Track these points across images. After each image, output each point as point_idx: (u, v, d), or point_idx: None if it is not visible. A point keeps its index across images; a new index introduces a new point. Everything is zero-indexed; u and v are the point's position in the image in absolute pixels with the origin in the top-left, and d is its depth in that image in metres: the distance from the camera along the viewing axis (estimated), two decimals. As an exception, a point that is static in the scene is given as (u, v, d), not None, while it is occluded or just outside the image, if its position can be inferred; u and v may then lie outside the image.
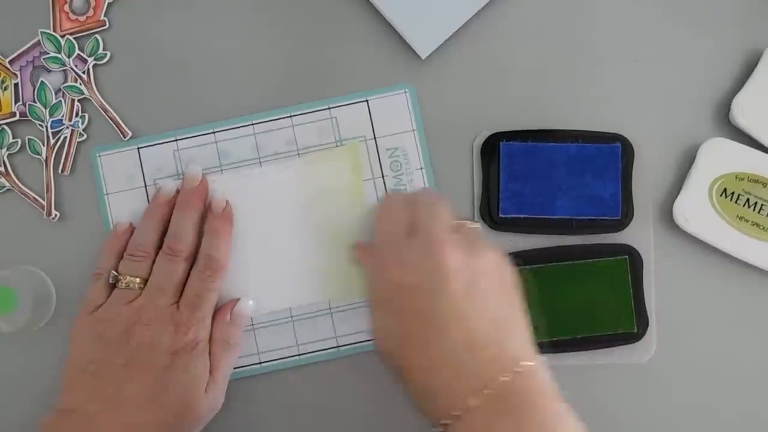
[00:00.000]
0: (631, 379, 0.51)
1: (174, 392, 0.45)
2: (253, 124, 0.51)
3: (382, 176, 0.51)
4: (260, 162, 0.51)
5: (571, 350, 0.50)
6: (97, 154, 0.51)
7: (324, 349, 0.51)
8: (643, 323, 0.50)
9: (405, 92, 0.51)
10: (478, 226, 0.50)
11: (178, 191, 0.50)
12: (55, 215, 0.51)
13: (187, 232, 0.48)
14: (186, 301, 0.47)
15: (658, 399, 0.51)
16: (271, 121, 0.51)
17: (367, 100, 0.51)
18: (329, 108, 0.51)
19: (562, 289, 0.50)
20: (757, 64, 0.51)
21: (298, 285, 0.51)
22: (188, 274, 0.48)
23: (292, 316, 0.51)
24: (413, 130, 0.51)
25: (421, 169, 0.51)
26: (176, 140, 0.51)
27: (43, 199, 0.51)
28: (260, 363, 0.51)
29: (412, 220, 0.45)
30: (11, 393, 0.51)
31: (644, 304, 0.50)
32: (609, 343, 0.50)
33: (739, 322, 0.51)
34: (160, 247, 0.48)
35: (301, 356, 0.51)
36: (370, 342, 0.51)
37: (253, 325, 0.51)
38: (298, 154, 0.51)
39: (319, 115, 0.51)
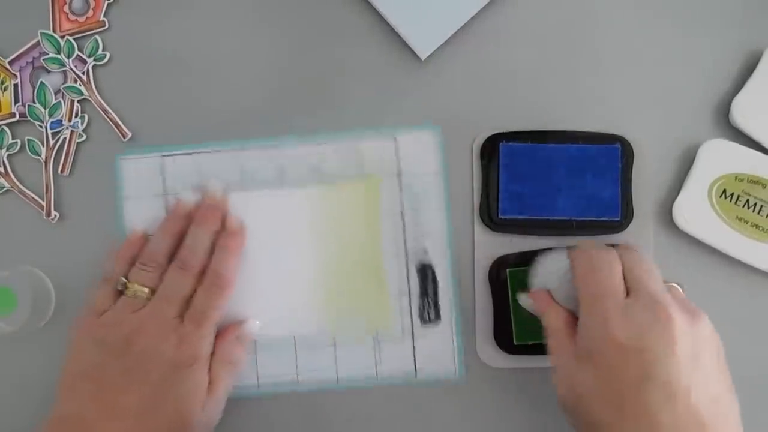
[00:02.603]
0: (631, 380, 0.51)
1: (171, 405, 0.45)
2: (279, 147, 0.51)
3: (401, 214, 0.51)
4: (282, 186, 0.51)
5: (571, 351, 0.50)
6: (120, 158, 0.51)
7: (323, 379, 0.51)
8: (642, 324, 0.50)
9: (434, 133, 0.51)
10: (679, 288, 0.49)
11: (196, 205, 0.50)
12: (55, 216, 0.51)
13: (201, 247, 0.48)
14: (191, 316, 0.47)
15: (658, 400, 0.51)
16: (298, 146, 0.51)
17: (395, 137, 0.51)
18: (357, 140, 0.51)
19: (561, 290, 0.50)
20: (757, 64, 0.50)
21: (303, 313, 0.51)
22: (196, 289, 0.48)
23: (295, 343, 0.51)
24: (437, 172, 0.51)
25: (442, 211, 0.51)
26: (201, 153, 0.51)
27: (43, 200, 0.51)
28: (258, 385, 0.51)
29: (625, 276, 0.42)
30: (11, 393, 0.51)
31: (644, 304, 0.50)
32: (608, 344, 0.50)
33: (739, 322, 0.51)
34: (171, 258, 0.48)
35: (299, 383, 0.51)
36: (371, 380, 0.51)
37: (255, 346, 0.51)
38: (321, 182, 0.51)
39: (346, 147, 0.51)
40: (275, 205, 0.51)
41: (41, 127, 0.51)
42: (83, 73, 0.51)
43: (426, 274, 0.51)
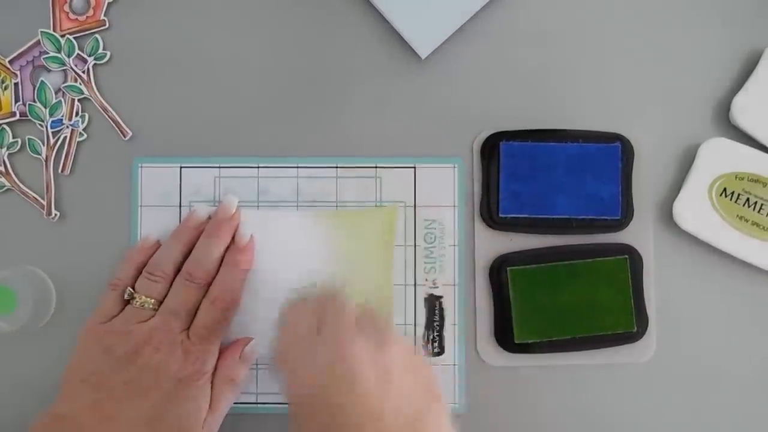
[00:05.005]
0: (631, 379, 0.51)
1: (173, 421, 0.45)
2: (297, 167, 0.51)
3: (414, 245, 0.51)
4: (297, 206, 0.51)
5: (571, 350, 0.50)
6: (139, 165, 0.51)
7: None
8: (643, 323, 0.50)
9: (454, 167, 0.51)
10: (386, 318, 0.50)
11: (210, 218, 0.50)
12: (55, 215, 0.51)
13: (209, 260, 0.48)
14: (195, 331, 0.47)
15: (658, 399, 0.51)
16: (316, 168, 0.51)
17: (414, 167, 0.51)
18: (376, 167, 0.51)
19: (561, 289, 0.50)
20: (757, 64, 0.51)
21: None
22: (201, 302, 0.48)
23: None
24: (454, 206, 0.51)
25: (454, 246, 0.51)
26: (219, 167, 0.51)
27: (43, 199, 0.51)
28: (257, 403, 0.51)
29: (317, 321, 0.44)
30: (11, 393, 0.51)
31: (644, 304, 0.50)
32: (609, 343, 0.50)
33: (739, 322, 0.51)
34: (180, 269, 0.48)
35: None
36: None
37: (257, 365, 0.51)
38: (336, 206, 0.51)
39: (364, 172, 0.51)
40: (289, 226, 0.51)
41: (42, 126, 0.51)
42: (83, 72, 0.51)
43: (433, 305, 0.51)
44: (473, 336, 0.51)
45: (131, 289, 0.47)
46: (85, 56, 0.52)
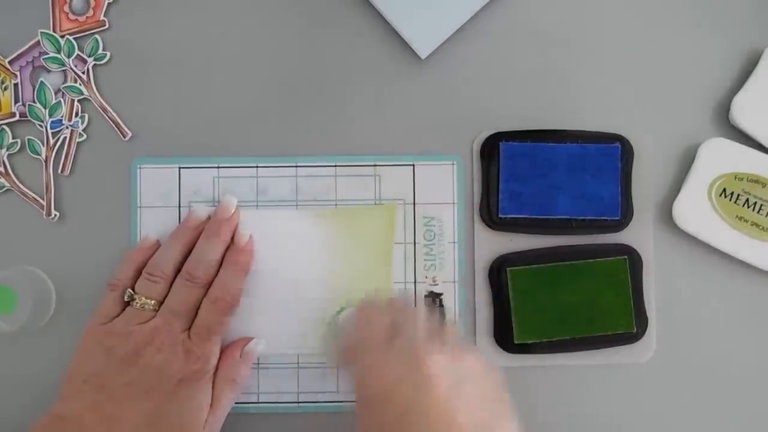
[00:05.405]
0: (631, 379, 0.51)
1: (174, 421, 0.45)
2: (296, 167, 0.51)
3: (414, 243, 0.51)
4: (297, 205, 0.51)
5: (571, 350, 0.50)
6: (138, 166, 0.51)
7: (323, 402, 0.51)
8: (642, 323, 0.50)
9: (453, 164, 0.51)
10: (458, 330, 0.51)
11: (209, 218, 0.50)
12: (55, 215, 0.51)
13: (208, 260, 0.48)
14: (196, 331, 0.47)
15: (658, 399, 0.51)
16: (315, 167, 0.51)
17: (413, 164, 0.51)
18: (375, 165, 0.51)
19: (561, 289, 0.50)
20: (757, 64, 0.51)
21: (308, 333, 0.51)
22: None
23: (298, 363, 0.51)
24: (453, 203, 0.51)
25: (454, 243, 0.51)
26: (218, 167, 0.51)
27: (43, 199, 0.51)
28: (258, 402, 0.51)
29: (391, 326, 0.45)
30: (11, 393, 0.51)
31: (644, 304, 0.50)
32: (609, 343, 0.50)
33: (739, 322, 0.51)
34: (179, 269, 0.48)
35: (300, 404, 0.51)
36: None
37: (258, 363, 0.51)
38: (336, 204, 0.51)
39: (363, 170, 0.51)
40: (288, 225, 0.51)
41: (41, 126, 0.51)
42: (83, 73, 0.51)
43: (433, 302, 0.51)
44: (473, 336, 0.51)
45: (131, 291, 0.47)
46: (85, 57, 0.52)
